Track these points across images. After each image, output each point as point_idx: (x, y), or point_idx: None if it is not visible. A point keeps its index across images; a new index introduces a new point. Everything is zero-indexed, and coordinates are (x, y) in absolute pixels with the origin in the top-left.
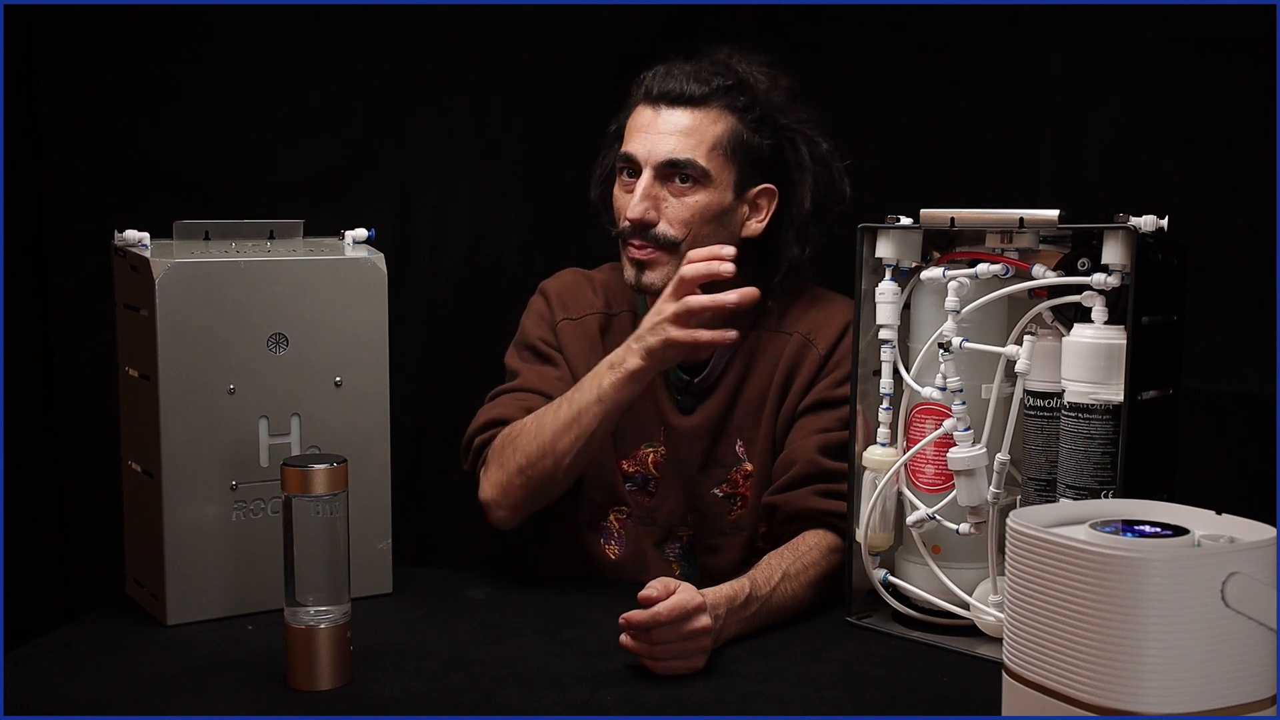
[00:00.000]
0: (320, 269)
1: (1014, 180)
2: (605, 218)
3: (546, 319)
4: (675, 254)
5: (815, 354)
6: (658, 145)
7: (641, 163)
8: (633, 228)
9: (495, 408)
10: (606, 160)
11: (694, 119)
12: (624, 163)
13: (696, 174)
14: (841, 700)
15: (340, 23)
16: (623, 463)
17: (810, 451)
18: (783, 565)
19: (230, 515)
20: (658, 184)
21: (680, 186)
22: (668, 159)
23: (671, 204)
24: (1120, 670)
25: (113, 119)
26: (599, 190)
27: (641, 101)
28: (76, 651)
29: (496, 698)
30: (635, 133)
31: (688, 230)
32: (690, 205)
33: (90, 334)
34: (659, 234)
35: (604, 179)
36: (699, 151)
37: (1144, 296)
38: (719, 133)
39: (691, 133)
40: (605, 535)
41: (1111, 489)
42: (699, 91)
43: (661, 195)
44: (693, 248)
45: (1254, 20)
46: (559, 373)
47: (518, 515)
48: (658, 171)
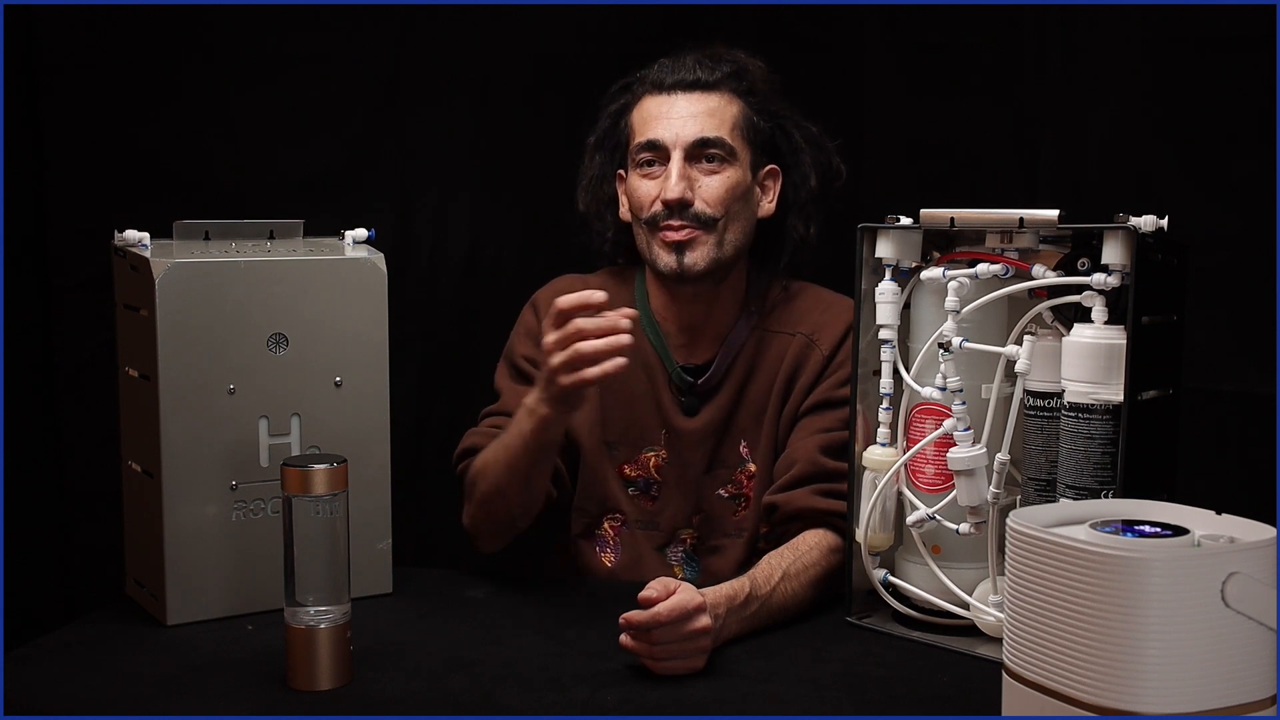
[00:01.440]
0: (320, 269)
1: (1014, 180)
2: (596, 226)
3: (533, 334)
4: (714, 232)
5: (818, 355)
6: (684, 127)
7: (670, 146)
8: (669, 209)
9: (473, 435)
10: (592, 167)
11: (712, 101)
12: (646, 151)
13: (725, 152)
14: (841, 700)
15: (340, 23)
16: (624, 467)
17: (811, 451)
18: (783, 565)
19: (230, 515)
20: (688, 165)
21: (710, 166)
22: (698, 138)
23: (704, 183)
24: (1120, 670)
25: (113, 119)
26: (588, 199)
27: (650, 94)
28: (76, 651)
29: (496, 698)
30: (653, 121)
31: (724, 209)
32: (723, 182)
33: (90, 334)
34: (698, 212)
35: (593, 186)
36: (724, 130)
37: (1144, 296)
38: (735, 113)
39: (714, 113)
40: (600, 544)
41: (1111, 489)
42: (710, 77)
43: (694, 175)
44: (727, 228)
45: (1254, 20)
46: None
47: (496, 543)
48: (688, 152)
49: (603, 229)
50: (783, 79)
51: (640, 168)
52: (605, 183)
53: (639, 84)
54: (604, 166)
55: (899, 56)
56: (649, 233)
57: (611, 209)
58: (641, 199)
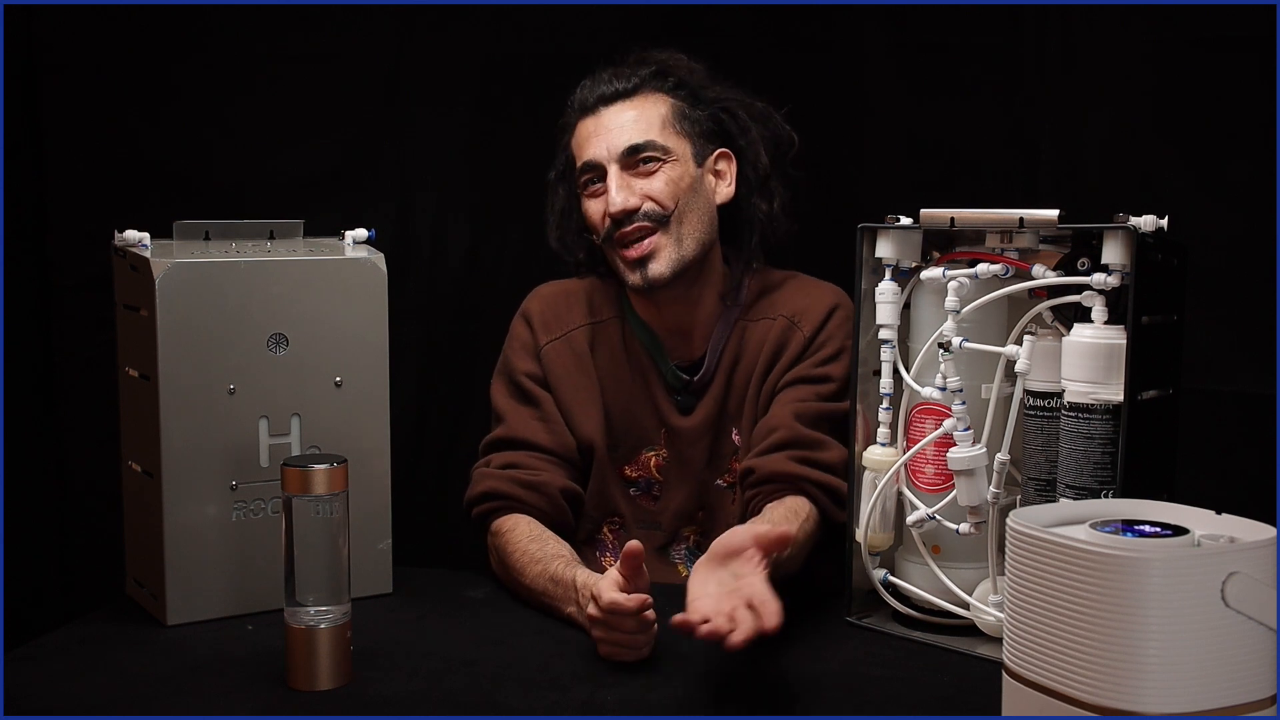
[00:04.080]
0: (320, 269)
1: (1014, 180)
2: (569, 259)
3: (529, 347)
4: (669, 230)
5: (800, 335)
6: (613, 139)
7: (604, 161)
8: (617, 221)
9: (488, 479)
10: (557, 201)
11: (635, 107)
12: (587, 173)
13: (659, 152)
14: (841, 700)
15: (340, 23)
16: (624, 468)
17: (788, 418)
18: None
19: (230, 515)
20: (625, 174)
21: (646, 168)
22: (628, 145)
23: (645, 185)
24: (1120, 670)
25: (113, 119)
26: (557, 234)
27: (579, 118)
28: (76, 651)
29: (496, 698)
30: (585, 142)
31: (672, 202)
32: (663, 179)
33: (90, 334)
34: (648, 212)
35: (560, 222)
36: (652, 132)
37: (1144, 296)
38: (663, 112)
39: (639, 119)
40: (600, 548)
41: (1111, 489)
42: (628, 85)
43: (633, 182)
44: (682, 222)
45: (1254, 20)
46: (541, 413)
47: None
48: (622, 163)
49: (576, 259)
50: (782, 79)
51: (586, 189)
52: (573, 214)
53: (570, 110)
54: (567, 198)
55: (899, 56)
56: (612, 252)
57: (583, 236)
58: (594, 220)
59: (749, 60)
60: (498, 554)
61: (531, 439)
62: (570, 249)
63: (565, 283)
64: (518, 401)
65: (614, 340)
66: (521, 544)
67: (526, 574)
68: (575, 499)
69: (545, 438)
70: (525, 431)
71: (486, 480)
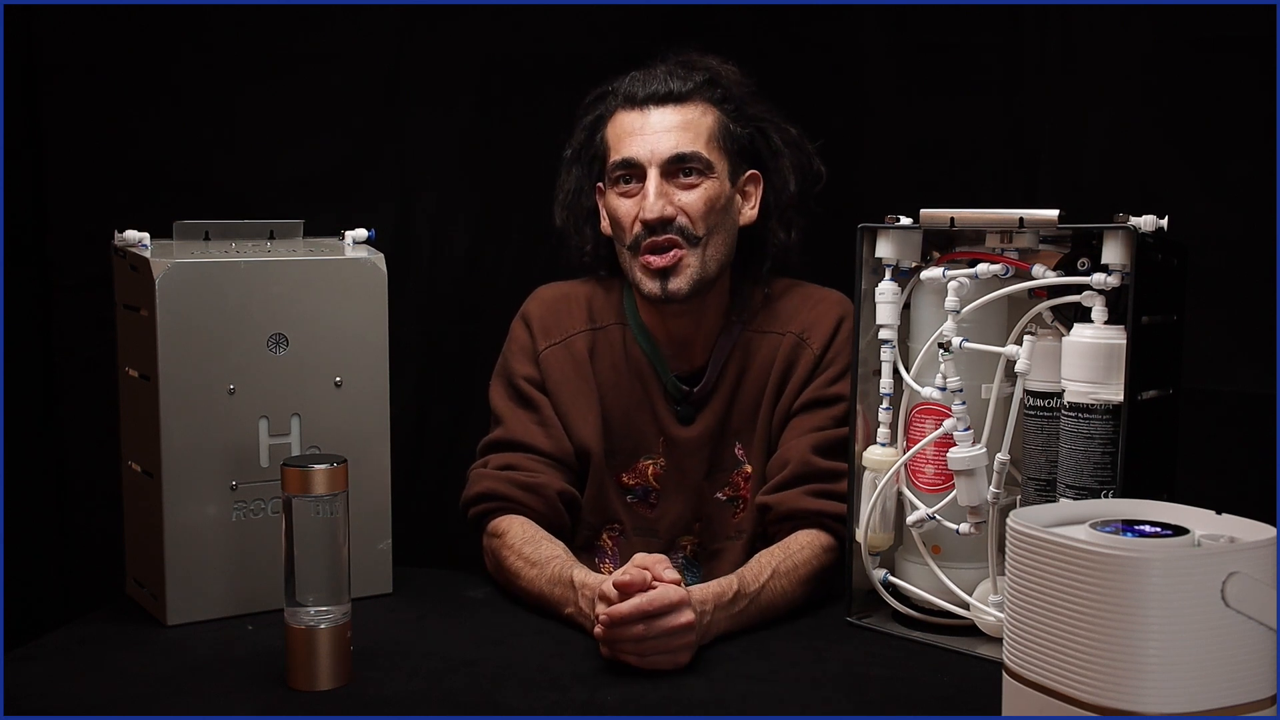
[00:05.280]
0: (320, 269)
1: (1014, 180)
2: (574, 241)
3: (528, 351)
4: (697, 249)
5: (809, 353)
6: (659, 143)
7: (645, 163)
8: (650, 228)
9: (485, 479)
10: (569, 181)
11: (685, 114)
12: (622, 169)
13: (702, 165)
14: (841, 700)
15: (340, 23)
16: (622, 476)
17: (804, 451)
18: (773, 563)
19: (230, 515)
20: (666, 182)
21: (687, 180)
22: (673, 154)
23: (683, 198)
24: (1120, 670)
25: (113, 119)
26: (565, 214)
27: (622, 108)
28: (76, 651)
29: (496, 698)
30: (628, 138)
31: (705, 226)
32: (702, 196)
33: (90, 334)
34: (682, 227)
35: (569, 201)
36: (700, 143)
37: (1144, 296)
38: (710, 124)
39: (688, 127)
40: (599, 555)
41: (1111, 489)
42: (683, 88)
43: (671, 191)
44: (709, 243)
45: (1254, 20)
46: (539, 416)
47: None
48: (664, 169)
49: (581, 243)
50: (783, 79)
51: (617, 185)
52: (583, 196)
53: (612, 97)
54: (581, 180)
55: (899, 56)
56: (632, 257)
57: (591, 222)
58: (621, 220)
59: (749, 60)
60: (494, 555)
61: (530, 442)
62: (577, 235)
63: (566, 285)
64: (516, 404)
65: (615, 347)
66: (517, 545)
67: (523, 576)
68: (572, 502)
69: (543, 441)
70: (523, 434)
71: (484, 481)
